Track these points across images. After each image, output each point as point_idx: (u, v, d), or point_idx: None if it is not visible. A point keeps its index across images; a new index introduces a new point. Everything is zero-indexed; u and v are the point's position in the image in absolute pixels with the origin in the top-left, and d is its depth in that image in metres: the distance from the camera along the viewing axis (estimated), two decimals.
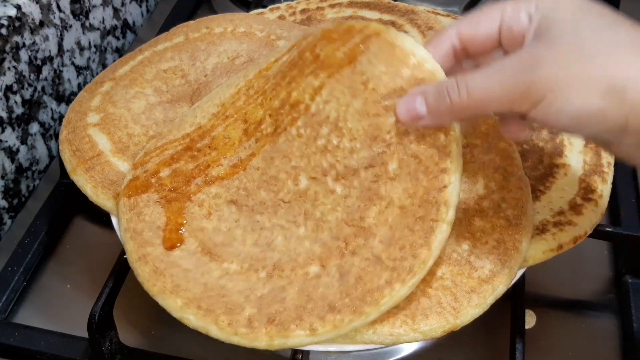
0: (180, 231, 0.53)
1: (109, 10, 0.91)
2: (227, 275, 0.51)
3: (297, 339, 0.47)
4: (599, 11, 0.42)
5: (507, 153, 0.61)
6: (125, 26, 0.96)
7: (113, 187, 0.60)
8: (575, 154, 0.68)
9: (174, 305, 0.50)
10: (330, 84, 0.51)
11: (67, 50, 0.82)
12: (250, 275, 0.50)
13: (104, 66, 0.91)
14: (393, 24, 0.79)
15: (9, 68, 0.71)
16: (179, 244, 0.53)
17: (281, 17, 0.81)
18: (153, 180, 0.56)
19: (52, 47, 0.79)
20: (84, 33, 0.85)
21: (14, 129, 0.73)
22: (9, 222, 0.74)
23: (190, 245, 0.53)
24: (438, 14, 0.86)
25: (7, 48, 0.71)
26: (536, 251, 0.56)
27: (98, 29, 0.89)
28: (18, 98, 0.73)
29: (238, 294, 0.49)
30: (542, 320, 0.64)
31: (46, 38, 0.77)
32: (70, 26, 0.82)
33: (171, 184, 0.56)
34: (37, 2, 0.75)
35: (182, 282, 0.51)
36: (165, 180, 0.56)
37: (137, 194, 0.56)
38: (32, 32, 0.74)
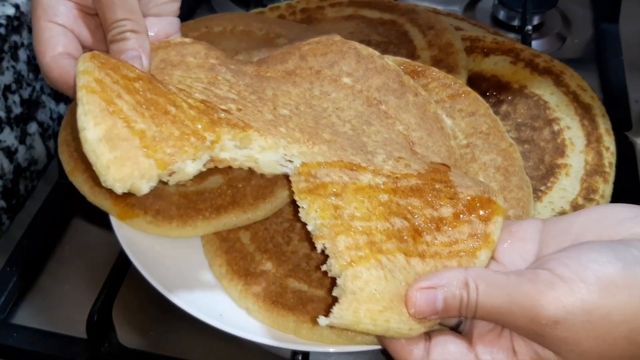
0: None
1: None
2: None
3: None
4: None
5: (508, 153, 0.60)
6: None
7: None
8: (577, 154, 0.67)
9: None
10: None
11: None
12: None
13: None
14: (394, 23, 0.79)
15: (7, 67, 0.71)
16: None
17: (281, 17, 0.81)
18: None
19: None
20: None
21: (12, 129, 0.73)
22: (7, 222, 0.74)
23: None
24: (439, 13, 0.86)
25: (6, 47, 0.70)
26: None
27: None
28: (17, 98, 0.73)
29: None
30: None
31: None
32: None
33: None
34: None
35: None
36: None
37: None
38: (31, 31, 0.74)
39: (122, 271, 0.60)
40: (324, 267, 0.45)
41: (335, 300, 0.45)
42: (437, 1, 1.00)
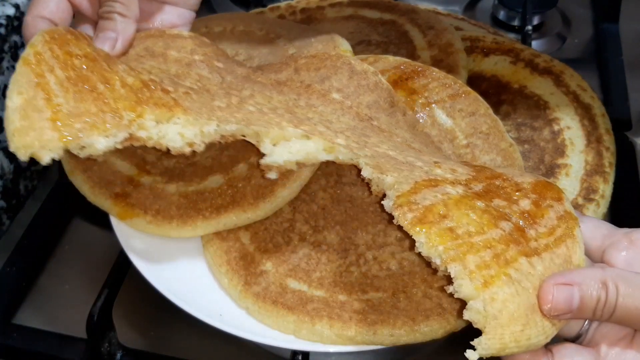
0: None
1: None
2: None
3: None
4: None
5: (508, 153, 0.60)
6: None
7: (110, 187, 0.59)
8: (577, 154, 0.67)
9: None
10: None
11: None
12: None
13: None
14: (394, 23, 0.79)
15: (7, 67, 0.71)
16: None
17: (281, 17, 0.81)
18: None
19: None
20: None
21: None
22: (7, 222, 0.74)
23: None
24: (439, 13, 0.86)
25: (6, 47, 0.70)
26: None
27: None
28: None
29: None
30: None
31: None
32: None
33: None
34: None
35: None
36: None
37: None
38: None
39: (122, 271, 0.60)
40: (449, 289, 0.43)
41: (471, 328, 0.43)
42: (437, 1, 1.00)
